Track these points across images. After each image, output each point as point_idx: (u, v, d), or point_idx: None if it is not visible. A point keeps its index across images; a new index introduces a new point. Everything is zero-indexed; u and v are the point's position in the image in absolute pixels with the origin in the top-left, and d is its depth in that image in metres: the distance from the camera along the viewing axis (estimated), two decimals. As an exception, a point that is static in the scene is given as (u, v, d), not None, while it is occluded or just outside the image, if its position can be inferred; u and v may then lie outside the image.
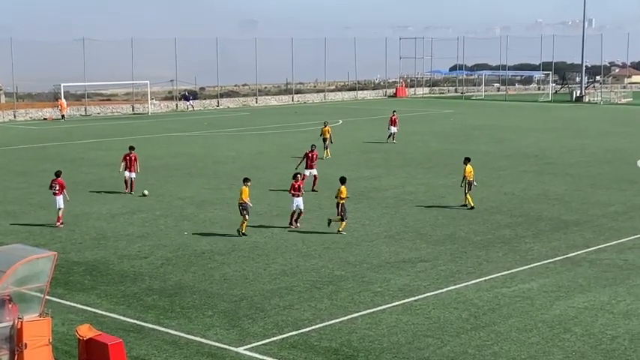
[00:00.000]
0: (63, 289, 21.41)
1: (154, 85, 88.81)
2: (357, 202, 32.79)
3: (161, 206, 32.56)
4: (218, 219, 30.05)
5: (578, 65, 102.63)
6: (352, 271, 22.99)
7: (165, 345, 17.43)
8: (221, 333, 18.13)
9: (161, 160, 45.86)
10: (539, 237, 26.95)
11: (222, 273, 22.91)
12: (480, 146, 51.46)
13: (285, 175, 39.65)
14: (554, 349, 17.00)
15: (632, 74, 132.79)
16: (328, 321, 18.83)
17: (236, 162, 44.99)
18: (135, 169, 35.46)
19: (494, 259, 24.13)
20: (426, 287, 21.38)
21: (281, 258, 24.41)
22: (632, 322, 18.64)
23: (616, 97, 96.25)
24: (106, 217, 30.49)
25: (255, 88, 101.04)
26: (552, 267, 23.33)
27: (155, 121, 74.39)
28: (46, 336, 15.26)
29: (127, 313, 19.50)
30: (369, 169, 41.69)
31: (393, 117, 54.65)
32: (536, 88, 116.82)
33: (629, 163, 43.40)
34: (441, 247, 25.70)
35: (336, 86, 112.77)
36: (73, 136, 60.21)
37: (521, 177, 39.16)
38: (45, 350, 15.21)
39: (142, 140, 56.72)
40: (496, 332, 18.01)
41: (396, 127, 54.41)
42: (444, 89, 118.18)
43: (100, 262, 24.16)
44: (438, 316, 19.14)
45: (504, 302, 20.10)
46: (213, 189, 36.40)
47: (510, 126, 65.18)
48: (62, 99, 77.79)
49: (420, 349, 17.04)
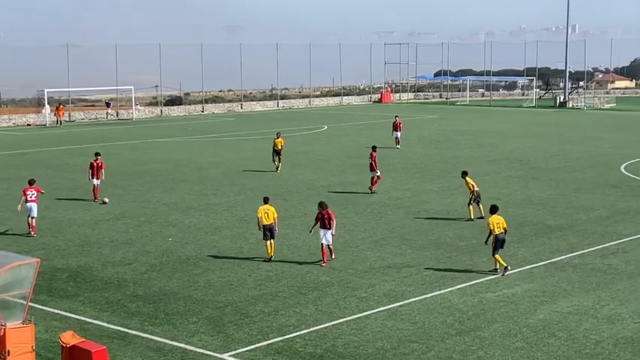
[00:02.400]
0: (46, 295, 21.29)
1: (138, 90, 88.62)
2: (343, 207, 32.77)
3: (145, 212, 32.45)
4: (203, 225, 29.97)
5: (562, 71, 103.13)
6: (337, 276, 22.98)
7: (149, 352, 17.35)
8: (206, 339, 18.07)
9: (145, 166, 45.73)
10: (523, 242, 27.01)
11: (206, 279, 22.85)
12: (464, 151, 51.59)
13: (271, 181, 39.69)
14: (538, 354, 17.03)
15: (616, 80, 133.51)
16: (313, 327, 18.80)
17: (220, 168, 44.92)
18: (100, 176, 34.92)
19: (478, 265, 24.16)
20: (411, 292, 21.39)
21: (266, 264, 24.35)
22: (616, 326, 18.70)
23: (599, 102, 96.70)
24: (90, 224, 30.36)
25: (240, 94, 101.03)
26: (536, 272, 23.39)
27: (139, 126, 74.22)
28: (30, 343, 15.18)
29: (111, 320, 19.41)
30: (354, 175, 41.70)
31: (396, 121, 54.83)
32: (520, 94, 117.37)
33: (612, 168, 43.60)
34: (426, 252, 25.72)
35: (321, 92, 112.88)
36: (56, 142, 59.96)
37: (506, 182, 39.27)
38: (28, 357, 15.12)
39: (126, 146, 56.61)
40: (481, 337, 18.03)
41: (400, 131, 54.59)
42: (429, 95, 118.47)
43: (84, 269, 24.05)
44: (422, 321, 19.14)
45: (489, 307, 20.13)
46: (197, 195, 36.31)
47: (494, 131, 65.40)
48: (61, 105, 77.63)
49: (405, 355, 17.04)
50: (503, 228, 23.30)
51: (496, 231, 23.00)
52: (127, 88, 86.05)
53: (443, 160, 47.47)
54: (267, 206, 25.00)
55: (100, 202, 34.12)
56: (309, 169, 43.98)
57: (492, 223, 23.17)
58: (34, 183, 29.47)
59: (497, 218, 23.32)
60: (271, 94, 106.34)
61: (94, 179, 34.71)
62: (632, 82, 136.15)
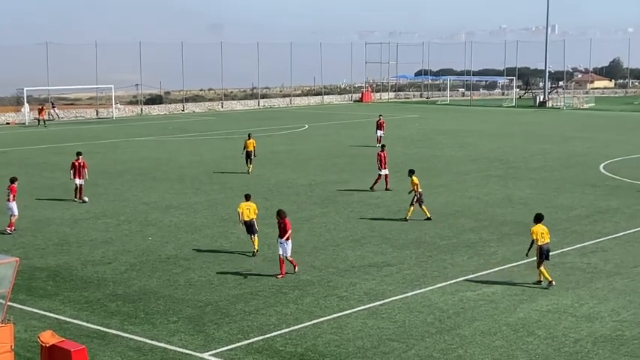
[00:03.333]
0: (25, 295, 21.17)
1: (118, 89, 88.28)
2: (323, 206, 32.80)
3: (125, 211, 32.33)
4: (183, 224, 29.89)
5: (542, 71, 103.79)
6: (318, 275, 22.98)
7: (129, 351, 17.29)
8: (186, 339, 18.02)
9: (125, 165, 45.56)
10: (503, 241, 27.13)
11: (187, 278, 22.79)
12: (444, 151, 51.75)
13: (252, 180, 39.65)
14: (517, 352, 17.11)
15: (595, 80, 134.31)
16: (294, 326, 18.79)
17: (201, 166, 44.82)
18: (83, 176, 34.63)
19: (459, 263, 24.24)
20: (391, 291, 21.42)
21: (246, 263, 24.32)
22: (595, 324, 18.81)
23: (579, 102, 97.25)
24: (69, 223, 30.20)
25: (220, 93, 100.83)
26: (516, 270, 23.48)
27: (119, 125, 73.92)
28: (8, 342, 15.07)
29: (91, 319, 19.32)
30: (335, 174, 41.73)
31: (380, 120, 54.98)
32: (500, 94, 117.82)
33: (591, 168, 43.87)
34: (407, 251, 25.78)
35: (302, 91, 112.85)
36: (35, 141, 59.63)
37: (486, 181, 39.42)
38: (7, 357, 15.00)
39: (106, 145, 56.37)
40: (461, 336, 18.08)
41: (383, 130, 54.79)
42: (410, 94, 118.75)
43: (63, 268, 23.92)
44: (403, 320, 19.18)
45: (469, 306, 20.20)
46: (177, 194, 36.21)
47: (475, 131, 65.62)
48: (43, 106, 76.90)
49: (386, 354, 17.06)
50: (549, 238, 21.94)
51: (540, 241, 21.68)
52: (107, 86, 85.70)
53: (423, 159, 47.58)
54: (249, 203, 25.43)
55: (79, 201, 33.95)
56: (289, 168, 43.96)
57: (537, 233, 21.72)
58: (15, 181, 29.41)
59: (542, 228, 21.88)
60: (252, 93, 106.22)
61: (77, 179, 34.44)
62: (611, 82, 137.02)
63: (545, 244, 21.74)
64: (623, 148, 52.98)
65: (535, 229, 21.87)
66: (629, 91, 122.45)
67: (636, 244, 26.68)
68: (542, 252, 21.72)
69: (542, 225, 22.02)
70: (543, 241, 21.71)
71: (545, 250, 21.80)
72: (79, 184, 34.42)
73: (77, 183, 34.42)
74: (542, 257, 21.75)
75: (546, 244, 21.79)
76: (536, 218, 22.28)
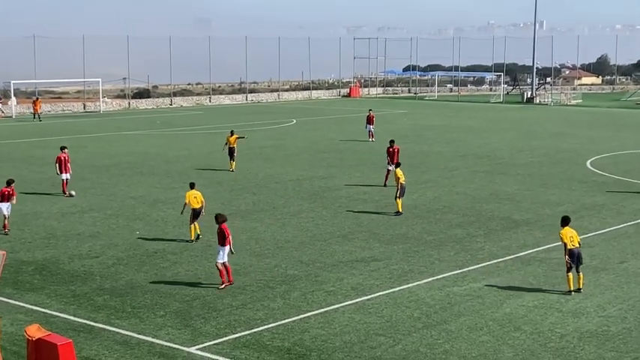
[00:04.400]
0: (12, 288, 21.10)
1: (105, 83, 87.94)
2: (311, 201, 32.81)
3: (112, 205, 32.26)
4: (170, 218, 29.85)
5: (530, 67, 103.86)
6: (305, 270, 23.00)
7: (115, 345, 17.27)
8: (173, 333, 18.01)
9: (113, 159, 45.45)
10: (490, 236, 27.21)
11: (174, 272, 22.77)
12: (432, 146, 51.83)
13: (239, 174, 39.63)
14: (504, 347, 17.18)
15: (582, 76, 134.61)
16: (281, 320, 18.81)
17: (189, 161, 44.75)
18: (68, 170, 34.56)
19: (446, 259, 24.30)
20: (378, 286, 21.47)
21: (234, 257, 24.29)
22: (581, 320, 18.91)
23: (566, 98, 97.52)
24: (57, 216, 30.12)
25: (208, 87, 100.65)
26: (503, 266, 23.57)
27: (107, 119, 73.69)
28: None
29: (78, 313, 19.29)
30: (322, 169, 41.75)
31: (370, 115, 55.06)
32: (488, 89, 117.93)
33: (578, 164, 44.03)
34: (394, 246, 25.82)
35: (290, 86, 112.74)
36: (22, 135, 59.39)
37: (473, 177, 39.51)
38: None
39: (93, 139, 56.20)
40: (447, 331, 18.14)
41: (373, 124, 54.87)
42: (398, 89, 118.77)
43: (50, 262, 23.86)
44: (390, 314, 19.23)
45: (455, 301, 20.26)
46: (165, 188, 36.15)
47: (462, 126, 65.74)
48: (38, 99, 76.12)
49: (372, 348, 17.11)
50: (578, 242, 20.98)
51: (570, 245, 20.67)
52: (95, 80, 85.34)
53: (411, 154, 47.62)
54: (195, 191, 26.77)
55: (66, 195, 33.85)
56: (277, 163, 43.94)
57: (566, 236, 20.71)
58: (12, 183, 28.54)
59: (570, 231, 20.88)
60: (240, 87, 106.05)
61: (63, 174, 34.35)
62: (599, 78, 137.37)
63: (575, 247, 20.72)
64: (610, 144, 53.20)
65: (564, 232, 20.87)
66: (616, 88, 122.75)
67: (622, 240, 26.82)
68: (573, 256, 20.65)
69: (570, 228, 21.06)
70: (573, 244, 20.75)
71: (576, 253, 20.72)
72: (65, 179, 34.31)
73: (63, 178, 34.31)
74: (572, 261, 20.71)
75: (576, 248, 20.75)
76: (563, 221, 21.27)
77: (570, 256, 20.67)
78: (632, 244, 26.38)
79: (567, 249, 20.67)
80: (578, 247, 20.83)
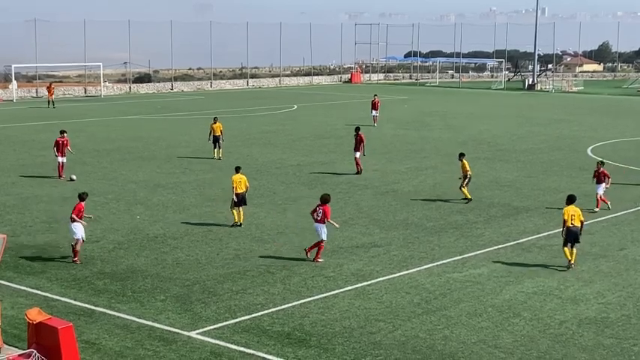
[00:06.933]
0: (13, 272, 21.15)
1: (107, 67, 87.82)
2: (311, 187, 32.83)
3: (113, 190, 32.28)
4: (171, 203, 29.88)
5: (531, 53, 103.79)
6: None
7: (116, 329, 17.32)
8: (173, 317, 18.06)
9: (114, 144, 45.44)
10: (490, 223, 27.24)
11: (174, 257, 22.81)
12: (433, 133, 51.80)
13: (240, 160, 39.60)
14: (503, 334, 17.23)
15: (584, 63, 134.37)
16: (281, 305, 18.86)
17: (190, 146, 44.74)
18: (65, 154, 34.82)
19: (446, 245, 24.34)
20: (378, 272, 21.51)
21: (234, 242, 24.36)
22: (580, 306, 18.95)
23: (567, 85, 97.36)
24: (57, 200, 30.14)
25: (209, 72, 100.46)
26: (503, 252, 23.61)
27: (108, 103, 73.62)
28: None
29: (78, 297, 19.34)
30: (323, 155, 41.75)
31: (374, 100, 54.99)
32: (489, 76, 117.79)
33: (579, 151, 44.02)
34: (394, 232, 25.86)
35: (292, 71, 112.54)
36: (23, 118, 59.36)
37: (474, 163, 39.32)
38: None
39: (94, 123, 56.17)
40: (447, 317, 18.19)
41: (377, 110, 54.85)
42: (399, 75, 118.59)
43: (51, 246, 23.90)
44: (390, 300, 19.27)
45: (455, 287, 20.31)
46: (166, 173, 36.17)
47: (463, 113, 65.66)
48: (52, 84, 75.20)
49: (372, 334, 17.16)
50: (580, 221, 21.73)
51: (569, 223, 21.53)
52: (96, 64, 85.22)
53: (412, 141, 47.64)
54: (240, 175, 26.42)
55: (67, 179, 33.89)
56: (279, 149, 43.94)
57: (567, 214, 21.63)
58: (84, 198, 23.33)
59: (573, 209, 21.73)
60: (241, 72, 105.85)
61: (59, 157, 34.48)
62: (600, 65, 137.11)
63: (573, 226, 21.58)
64: (611, 131, 53.16)
65: (566, 209, 21.81)
66: (617, 75, 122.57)
67: (622, 228, 26.85)
68: (570, 234, 21.61)
69: (575, 206, 21.87)
70: (573, 222, 21.57)
71: (573, 232, 21.63)
72: (61, 162, 34.46)
73: (60, 161, 34.45)
74: (568, 239, 21.68)
75: (575, 226, 21.60)
76: (569, 199, 22.21)
77: (567, 234, 21.68)
78: (632, 231, 26.41)
79: (565, 226, 21.64)
80: (577, 226, 21.66)
